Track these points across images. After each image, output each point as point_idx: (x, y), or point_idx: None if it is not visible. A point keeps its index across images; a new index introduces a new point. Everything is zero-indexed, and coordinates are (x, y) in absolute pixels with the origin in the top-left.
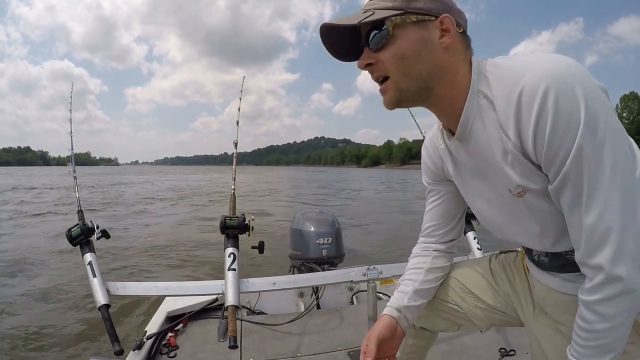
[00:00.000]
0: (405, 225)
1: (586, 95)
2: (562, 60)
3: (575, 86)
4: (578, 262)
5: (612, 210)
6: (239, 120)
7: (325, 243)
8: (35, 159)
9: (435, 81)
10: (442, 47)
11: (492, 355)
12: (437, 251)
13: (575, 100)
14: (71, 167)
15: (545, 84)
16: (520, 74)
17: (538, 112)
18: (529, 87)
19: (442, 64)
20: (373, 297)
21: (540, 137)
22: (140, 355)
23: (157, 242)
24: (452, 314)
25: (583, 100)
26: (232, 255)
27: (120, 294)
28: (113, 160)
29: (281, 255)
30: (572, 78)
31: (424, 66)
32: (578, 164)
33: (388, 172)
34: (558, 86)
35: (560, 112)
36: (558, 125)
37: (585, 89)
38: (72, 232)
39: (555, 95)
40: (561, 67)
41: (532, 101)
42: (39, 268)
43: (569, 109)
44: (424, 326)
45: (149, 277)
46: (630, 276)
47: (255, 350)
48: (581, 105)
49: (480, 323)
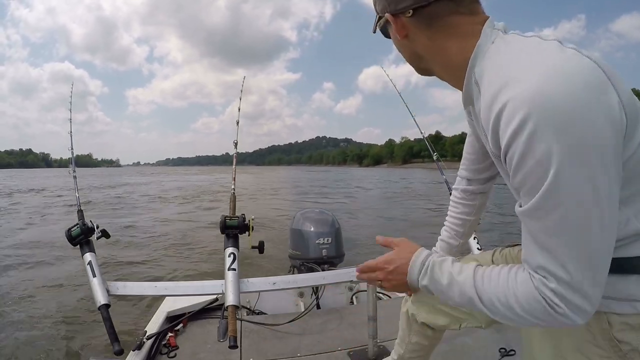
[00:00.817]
0: (404, 222)
1: (566, 149)
2: (566, 75)
3: (559, 128)
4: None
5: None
6: (239, 120)
7: (325, 243)
8: (37, 161)
9: (424, 65)
10: (403, 40)
11: (492, 355)
12: (474, 194)
13: (548, 150)
14: (72, 168)
15: (526, 112)
16: (509, 84)
17: (509, 142)
18: (509, 109)
19: (415, 51)
20: (373, 297)
21: (509, 163)
22: (140, 355)
23: (176, 237)
24: (453, 307)
25: (558, 156)
26: (232, 255)
27: (120, 294)
28: (115, 161)
29: (281, 255)
30: (560, 113)
31: (406, 54)
32: (532, 214)
33: (389, 171)
34: (537, 121)
35: (527, 154)
36: (522, 165)
37: (570, 135)
38: (72, 231)
39: (530, 132)
40: (555, 91)
41: (507, 127)
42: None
43: (538, 157)
44: (425, 321)
45: (150, 276)
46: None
47: (255, 350)
48: (553, 161)
49: (480, 317)
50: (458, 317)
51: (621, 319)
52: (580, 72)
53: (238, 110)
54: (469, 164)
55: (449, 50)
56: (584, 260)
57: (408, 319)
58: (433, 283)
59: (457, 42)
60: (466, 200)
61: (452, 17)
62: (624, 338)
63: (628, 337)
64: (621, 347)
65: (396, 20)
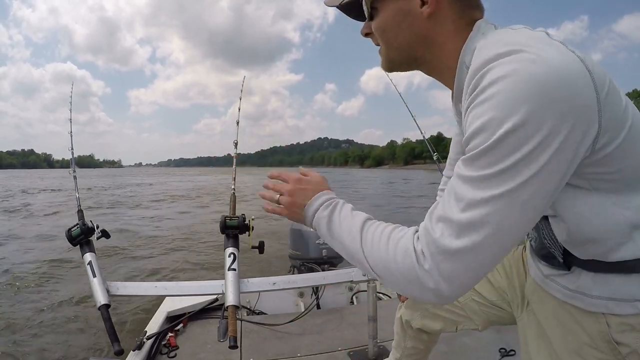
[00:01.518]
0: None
1: (529, 117)
2: (552, 61)
3: (529, 98)
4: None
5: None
6: (239, 120)
7: (325, 243)
8: (39, 161)
9: (421, 52)
10: (424, 16)
11: (492, 355)
12: None
13: (512, 109)
14: (72, 168)
15: (504, 73)
16: (494, 58)
17: (475, 95)
18: (491, 72)
19: (425, 33)
20: (373, 297)
21: (464, 120)
22: (140, 355)
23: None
24: (448, 310)
25: (522, 116)
26: (232, 255)
27: (120, 294)
28: (117, 162)
29: (281, 255)
30: (535, 86)
31: (405, 37)
32: (466, 166)
33: (391, 172)
34: (512, 83)
35: (488, 107)
36: (478, 117)
37: (535, 110)
38: (72, 232)
39: (500, 87)
40: (538, 68)
41: (482, 83)
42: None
43: (496, 111)
44: (420, 327)
45: (152, 276)
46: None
47: (255, 350)
48: (512, 119)
49: (476, 318)
50: (454, 319)
51: (621, 320)
52: (563, 59)
53: (238, 110)
54: (454, 164)
55: (448, 41)
56: (484, 232)
57: (402, 325)
58: (329, 222)
59: (459, 35)
60: None
61: (474, 11)
62: (623, 340)
63: (628, 338)
64: (620, 350)
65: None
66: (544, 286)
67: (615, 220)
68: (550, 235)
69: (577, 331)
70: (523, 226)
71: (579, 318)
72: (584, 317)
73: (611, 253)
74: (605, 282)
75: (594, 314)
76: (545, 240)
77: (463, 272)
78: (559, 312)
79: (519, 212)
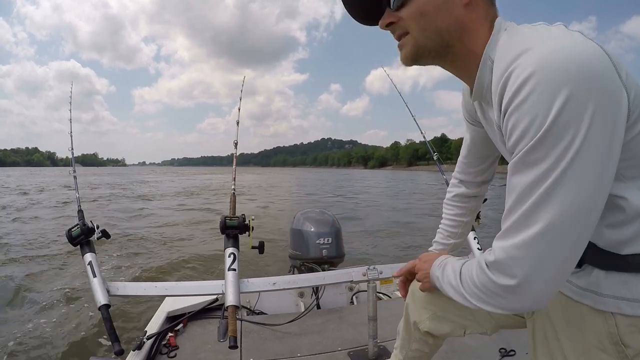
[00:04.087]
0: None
1: (568, 101)
2: (574, 47)
3: (563, 85)
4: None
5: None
6: (239, 120)
7: (325, 243)
8: (43, 159)
9: (454, 39)
10: (463, 3)
11: (492, 355)
12: (468, 197)
13: (550, 101)
14: (72, 168)
15: (531, 70)
16: (520, 55)
17: (509, 100)
18: (516, 72)
19: (462, 20)
20: (373, 297)
21: (507, 120)
22: (140, 355)
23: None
24: (457, 313)
25: (560, 105)
26: (232, 255)
27: (120, 294)
28: (120, 161)
29: (281, 255)
30: (564, 73)
31: (444, 22)
32: (518, 169)
33: (394, 173)
34: (541, 77)
35: (527, 108)
36: (520, 121)
37: (572, 93)
38: (72, 232)
39: (532, 86)
40: (562, 56)
41: (512, 86)
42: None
43: (535, 109)
44: (428, 330)
45: (152, 276)
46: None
47: (255, 350)
48: (553, 111)
49: (485, 323)
50: (462, 323)
51: (630, 321)
52: (582, 45)
53: (238, 110)
54: (465, 167)
55: (478, 33)
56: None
57: (409, 327)
58: (443, 275)
59: (484, 28)
60: (460, 203)
61: (495, 8)
62: (630, 342)
63: (635, 340)
64: (627, 352)
65: None
66: None
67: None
68: None
69: (585, 332)
70: (583, 206)
71: (588, 318)
72: (592, 316)
73: (628, 244)
74: (616, 280)
75: (603, 313)
76: None
77: (539, 259)
78: (567, 311)
79: (575, 190)
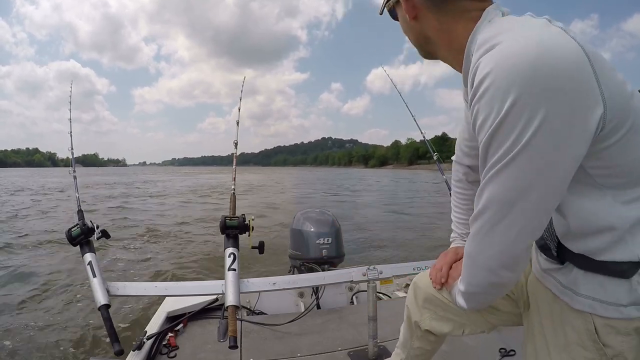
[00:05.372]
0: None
1: (515, 103)
2: (538, 46)
3: (512, 87)
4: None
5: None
6: (239, 120)
7: (325, 243)
8: (44, 160)
9: (429, 47)
10: (412, 21)
11: (492, 355)
12: (473, 182)
13: (501, 101)
14: (72, 168)
15: (490, 68)
16: (491, 47)
17: (473, 92)
18: (481, 66)
19: (423, 33)
20: (373, 297)
21: (471, 114)
22: (140, 356)
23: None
24: (456, 313)
25: (508, 105)
26: (232, 255)
27: (120, 294)
28: (121, 161)
29: (281, 255)
30: (516, 75)
31: (413, 38)
32: (482, 163)
33: (394, 172)
34: (495, 77)
35: (483, 104)
36: (479, 114)
37: (521, 95)
38: (72, 232)
39: (488, 84)
40: (521, 57)
41: (476, 79)
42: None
43: (490, 106)
44: (429, 329)
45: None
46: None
47: (256, 350)
48: (503, 110)
49: (483, 321)
50: (462, 322)
51: (606, 322)
52: (556, 49)
53: (238, 110)
54: (468, 150)
55: (455, 32)
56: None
57: (411, 325)
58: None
59: (464, 25)
60: (467, 190)
61: (463, 2)
62: (609, 342)
63: (613, 341)
64: (606, 351)
65: (408, 0)
66: (542, 280)
67: (614, 216)
68: (548, 228)
69: (566, 328)
70: (533, 204)
71: (568, 315)
72: (572, 314)
73: (602, 252)
74: (593, 281)
75: (581, 312)
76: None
77: (490, 247)
78: (552, 307)
79: (510, 183)
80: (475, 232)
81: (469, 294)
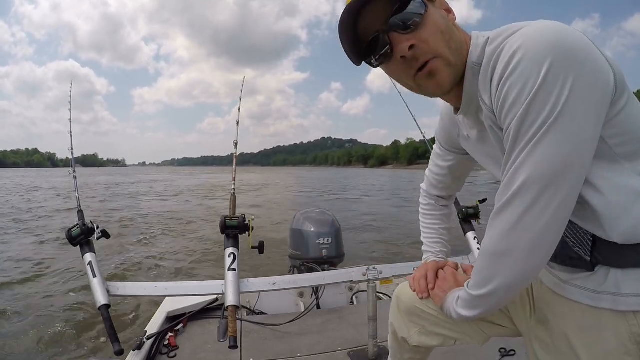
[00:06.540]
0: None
1: (551, 67)
2: (557, 27)
3: (547, 54)
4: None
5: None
6: (239, 120)
7: (325, 243)
8: (43, 160)
9: (464, 54)
10: (452, 24)
11: (492, 355)
12: (442, 205)
13: (537, 68)
14: (71, 168)
15: (519, 43)
16: (506, 39)
17: (502, 72)
18: (507, 47)
19: (460, 38)
20: (373, 297)
21: (497, 99)
22: (140, 356)
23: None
24: (447, 327)
25: (545, 71)
26: (232, 255)
27: (120, 294)
28: (120, 161)
29: (281, 255)
30: (548, 44)
31: (454, 41)
32: (514, 138)
33: (394, 172)
34: (528, 48)
35: (517, 76)
36: (512, 88)
37: (555, 61)
38: (72, 232)
39: (520, 56)
40: (546, 32)
41: (503, 59)
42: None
43: (525, 77)
44: (417, 344)
45: (153, 275)
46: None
47: (256, 350)
48: (540, 77)
49: (475, 335)
50: (452, 336)
51: None
52: (571, 31)
53: (238, 110)
54: (439, 185)
55: (465, 48)
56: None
57: (398, 341)
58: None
59: (467, 43)
60: (435, 211)
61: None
62: None
63: None
64: None
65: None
66: (563, 293)
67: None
68: (575, 233)
69: (604, 336)
70: (562, 161)
71: (607, 321)
72: (612, 319)
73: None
74: (636, 277)
75: (624, 314)
76: (568, 239)
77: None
78: (582, 319)
79: (556, 146)
80: (505, 222)
81: (481, 297)
